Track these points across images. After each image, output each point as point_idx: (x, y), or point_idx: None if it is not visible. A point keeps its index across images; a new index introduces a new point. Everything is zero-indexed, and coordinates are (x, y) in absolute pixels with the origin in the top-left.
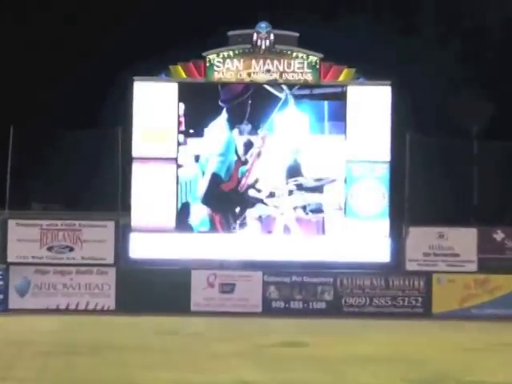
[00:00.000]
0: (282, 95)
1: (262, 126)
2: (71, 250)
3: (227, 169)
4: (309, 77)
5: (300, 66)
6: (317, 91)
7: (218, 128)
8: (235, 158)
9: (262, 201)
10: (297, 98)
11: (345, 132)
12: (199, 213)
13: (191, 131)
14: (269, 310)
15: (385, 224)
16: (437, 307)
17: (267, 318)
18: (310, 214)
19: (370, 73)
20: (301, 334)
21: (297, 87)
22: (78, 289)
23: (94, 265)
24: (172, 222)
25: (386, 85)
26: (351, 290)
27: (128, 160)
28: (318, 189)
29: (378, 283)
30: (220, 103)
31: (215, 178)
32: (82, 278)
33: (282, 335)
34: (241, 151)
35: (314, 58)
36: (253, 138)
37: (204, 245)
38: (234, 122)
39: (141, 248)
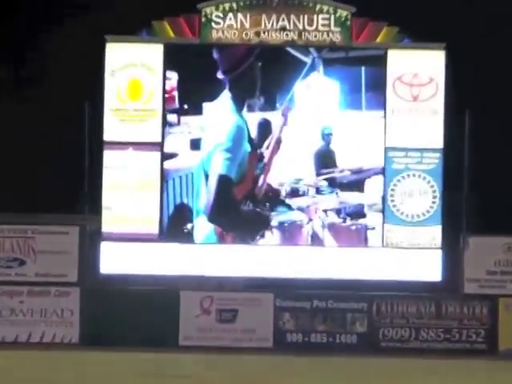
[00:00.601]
0: (307, 59)
1: (280, 98)
2: (22, 263)
3: (239, 166)
4: (337, 37)
5: (325, 22)
6: (353, 54)
7: (221, 111)
8: (248, 148)
9: (283, 202)
10: (328, 62)
11: (384, 110)
12: (202, 227)
13: (185, 107)
14: (282, 345)
15: (436, 232)
16: (504, 342)
17: (280, 356)
18: (348, 219)
19: (417, 33)
20: (324, 378)
21: (327, 49)
22: (30, 315)
23: (52, 283)
24: (155, 228)
25: (440, 49)
26: (391, 318)
27: (97, 145)
28: (356, 184)
29: (426, 310)
30: (220, 76)
31: (224, 182)
32: (36, 301)
33: (299, 380)
34: (255, 136)
35: (343, 13)
36: (269, 115)
37: (198, 258)
38: (241, 100)
39: (114, 261)
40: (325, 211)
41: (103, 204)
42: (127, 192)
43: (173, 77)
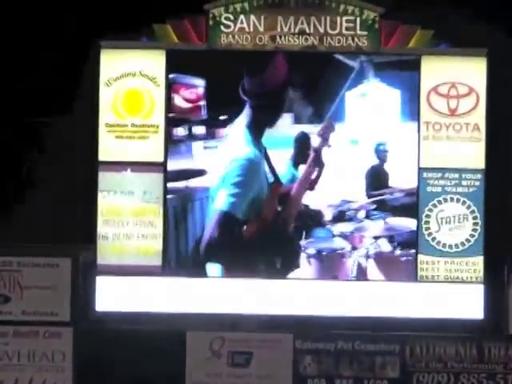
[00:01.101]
0: (353, 63)
1: (321, 112)
2: (6, 300)
3: (251, 203)
4: (363, 42)
5: (350, 25)
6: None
7: (233, 139)
8: (266, 181)
9: (323, 226)
10: (379, 67)
11: (418, 125)
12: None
13: (216, 118)
14: None
15: (477, 263)
16: None
17: None
18: (398, 248)
19: (454, 38)
20: None
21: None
22: (16, 359)
23: (41, 323)
24: (158, 260)
25: (481, 55)
26: (426, 362)
27: (91, 166)
28: (409, 208)
29: (466, 353)
30: (242, 94)
31: (227, 220)
32: (23, 343)
33: None
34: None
35: (371, 14)
36: (308, 130)
37: (207, 294)
38: (260, 128)
39: (111, 298)
40: (374, 238)
41: (98, 232)
42: (125, 219)
43: (200, 84)
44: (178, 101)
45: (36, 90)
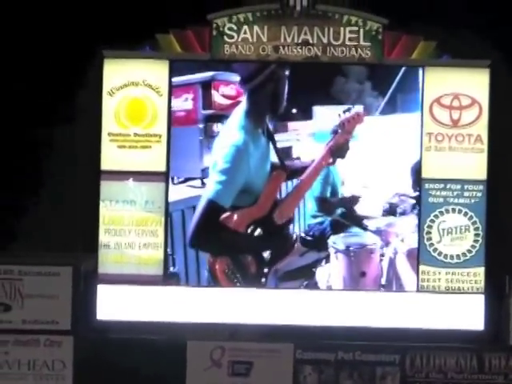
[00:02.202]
0: None
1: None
2: (7, 309)
3: (245, 191)
4: (366, 52)
5: (353, 36)
6: None
7: (229, 125)
8: (268, 168)
9: (360, 222)
10: None
11: (420, 136)
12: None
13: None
14: None
15: (478, 274)
16: None
17: None
18: None
19: (457, 49)
20: None
21: None
22: (16, 368)
23: (42, 332)
24: (159, 269)
25: (483, 66)
26: (427, 373)
27: (93, 175)
28: None
29: (467, 363)
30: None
31: (212, 209)
32: (24, 352)
33: None
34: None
35: (374, 25)
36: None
37: (207, 303)
38: (259, 116)
39: (112, 307)
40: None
41: (100, 241)
42: (127, 228)
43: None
44: (217, 97)
45: (38, 99)
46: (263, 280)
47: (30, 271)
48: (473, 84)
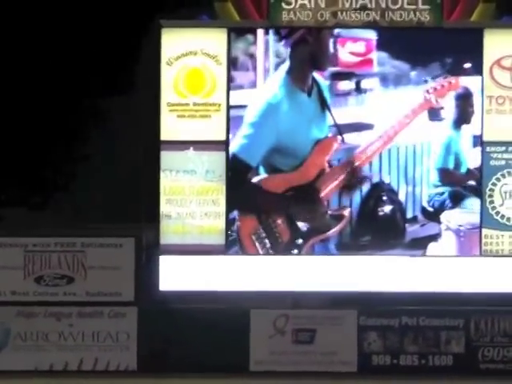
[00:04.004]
0: None
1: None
2: (70, 281)
3: (280, 150)
4: (425, 16)
5: None
6: None
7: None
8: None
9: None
10: None
11: (481, 99)
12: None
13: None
14: (367, 368)
15: None
16: None
17: (365, 382)
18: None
19: None
20: None
21: None
22: (80, 340)
23: (105, 303)
24: (221, 238)
25: None
26: (492, 337)
27: (153, 145)
28: None
29: None
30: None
31: (236, 164)
32: (88, 324)
33: None
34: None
35: None
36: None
37: (270, 271)
38: (302, 74)
39: (175, 277)
40: None
41: (161, 212)
42: (188, 198)
43: (371, 36)
44: (344, 55)
45: (98, 70)
46: (295, 251)
47: (92, 243)
48: None
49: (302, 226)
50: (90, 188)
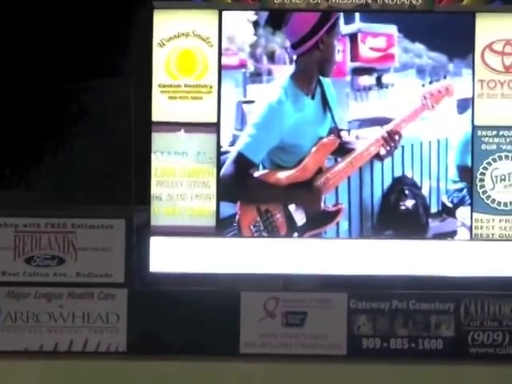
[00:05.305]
0: None
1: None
2: (61, 262)
3: (283, 148)
4: (417, 0)
5: None
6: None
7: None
8: (322, 131)
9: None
10: None
11: (472, 83)
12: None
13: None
14: (357, 351)
15: None
16: None
17: (354, 365)
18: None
19: None
20: None
21: None
22: (71, 321)
23: (96, 284)
24: (211, 220)
25: None
26: (481, 320)
27: (144, 127)
28: None
29: None
30: (287, 52)
31: (240, 161)
32: (78, 305)
33: None
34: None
35: None
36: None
37: (261, 254)
38: (307, 78)
39: (165, 259)
40: None
41: (152, 193)
42: (179, 179)
43: (392, 31)
44: (364, 50)
45: (89, 52)
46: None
47: (82, 224)
48: None
49: (299, 220)
50: (80, 169)
